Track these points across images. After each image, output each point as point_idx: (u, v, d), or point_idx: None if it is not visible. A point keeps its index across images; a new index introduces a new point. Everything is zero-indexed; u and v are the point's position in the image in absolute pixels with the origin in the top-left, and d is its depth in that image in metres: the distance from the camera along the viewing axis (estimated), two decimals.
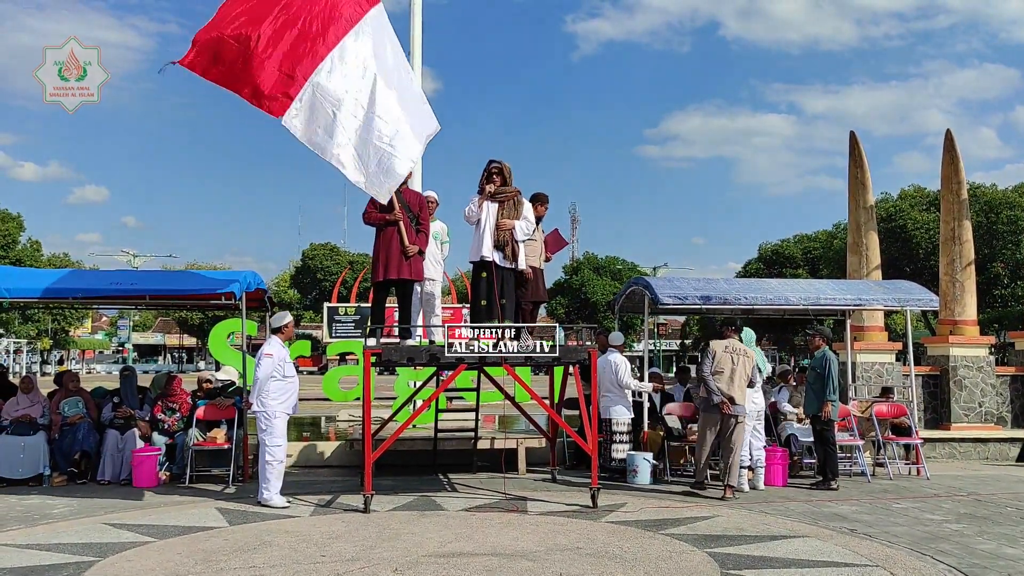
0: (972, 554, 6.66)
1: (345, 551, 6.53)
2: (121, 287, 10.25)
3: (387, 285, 9.07)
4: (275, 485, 8.51)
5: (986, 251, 35.53)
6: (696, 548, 6.72)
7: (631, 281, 12.41)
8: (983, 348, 14.26)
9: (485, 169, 9.14)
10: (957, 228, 14.53)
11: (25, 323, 54.43)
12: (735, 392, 9.20)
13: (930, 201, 38.43)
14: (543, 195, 10.00)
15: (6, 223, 46.70)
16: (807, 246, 52.33)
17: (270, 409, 8.63)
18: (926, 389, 13.94)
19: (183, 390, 10.85)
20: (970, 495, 9.60)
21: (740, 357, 9.34)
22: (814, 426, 10.14)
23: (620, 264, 65.23)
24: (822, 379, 9.92)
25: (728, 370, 9.25)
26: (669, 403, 11.22)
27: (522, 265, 9.16)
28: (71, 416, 10.13)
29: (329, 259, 67.70)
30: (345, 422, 16.56)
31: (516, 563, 6.17)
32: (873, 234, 15.32)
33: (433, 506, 8.49)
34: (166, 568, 6.07)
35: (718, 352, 9.34)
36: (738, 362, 9.30)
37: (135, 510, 8.31)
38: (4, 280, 10.10)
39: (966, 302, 14.28)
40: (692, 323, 65.90)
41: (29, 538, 7.04)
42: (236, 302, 10.13)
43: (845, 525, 7.74)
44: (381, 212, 8.86)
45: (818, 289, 11.94)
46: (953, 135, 14.79)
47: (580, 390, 9.27)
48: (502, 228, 8.90)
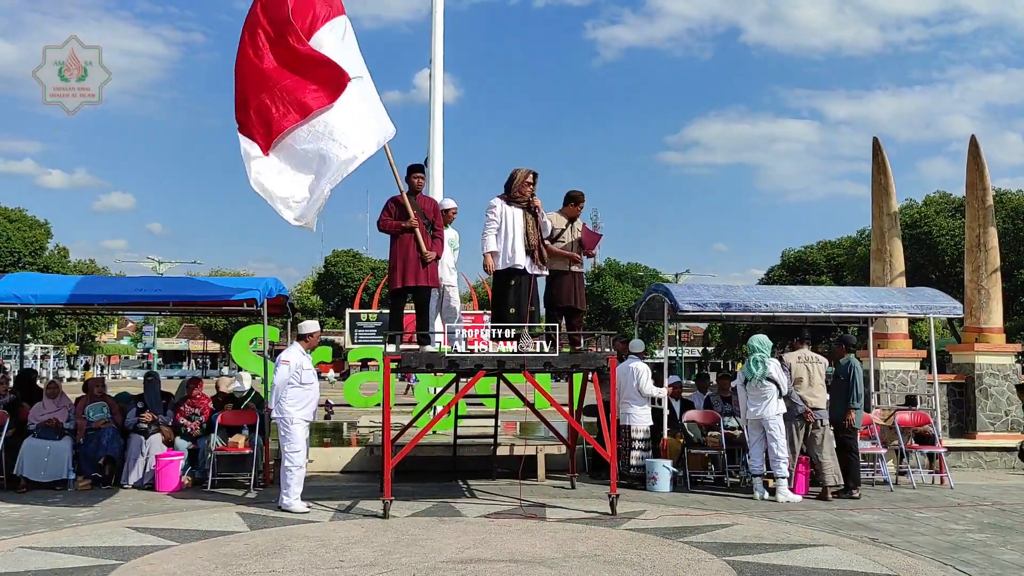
0: (995, 564, 6.58)
1: (364, 556, 6.57)
2: (145, 293, 10.40)
3: (405, 292, 9.13)
4: (295, 490, 8.56)
5: (1012, 258, 35.08)
6: (715, 556, 6.69)
7: (651, 288, 12.39)
8: (1009, 356, 14.09)
9: (530, 179, 9.22)
10: (982, 235, 14.39)
11: (52, 329, 55.15)
12: (816, 398, 9.83)
13: (955, 207, 38.04)
14: (575, 193, 9.96)
15: (34, 230, 47.40)
16: (831, 253, 51.92)
17: (288, 415, 8.69)
18: (951, 397, 13.79)
19: (204, 395, 10.96)
20: (994, 504, 9.49)
21: (814, 364, 10.01)
22: (837, 434, 10.06)
23: (642, 271, 65.04)
24: (847, 386, 9.85)
25: (806, 378, 9.91)
26: (689, 410, 11.18)
27: (547, 272, 9.36)
28: (96, 421, 10.26)
29: (351, 266, 68.01)
30: (366, 428, 16.64)
31: (534, 570, 6.17)
32: (897, 241, 15.19)
33: (452, 512, 8.51)
34: (187, 571, 6.14)
35: (793, 364, 10.00)
36: (813, 369, 9.96)
37: (157, 514, 8.40)
38: (31, 286, 10.27)
39: (992, 309, 14.13)
40: (714, 330, 65.59)
41: (53, 541, 7.14)
42: (258, 308, 10.23)
43: (866, 534, 7.68)
44: (397, 219, 8.94)
45: (840, 296, 11.85)
46: (978, 141, 14.66)
47: (599, 397, 9.26)
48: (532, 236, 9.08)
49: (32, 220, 48.10)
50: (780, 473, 9.61)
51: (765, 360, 9.71)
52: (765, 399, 9.67)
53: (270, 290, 10.25)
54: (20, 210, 48.11)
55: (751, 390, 9.79)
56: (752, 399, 9.78)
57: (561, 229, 9.77)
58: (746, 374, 9.84)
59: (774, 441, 9.68)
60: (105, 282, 14.26)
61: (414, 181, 9.17)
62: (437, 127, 13.56)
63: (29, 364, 46.89)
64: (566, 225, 9.81)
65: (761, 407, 9.68)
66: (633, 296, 54.58)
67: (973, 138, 14.72)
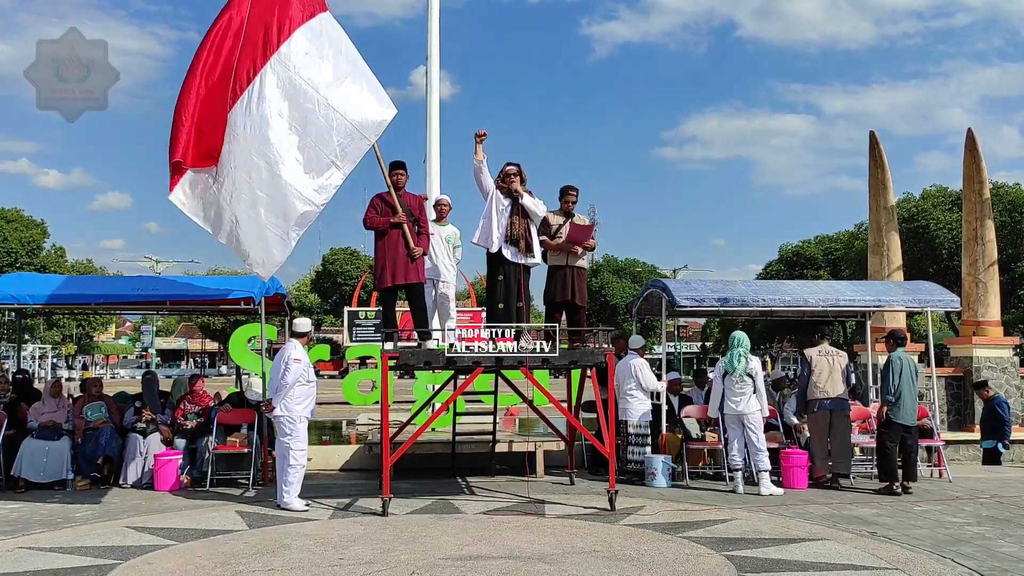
0: (994, 557, 6.59)
1: (363, 554, 6.57)
2: (143, 293, 10.38)
3: (395, 290, 9.13)
4: (295, 488, 8.57)
5: (1009, 251, 35.09)
6: (713, 551, 6.69)
7: (649, 284, 12.40)
8: (1007, 349, 14.12)
9: (511, 170, 9.25)
10: (980, 228, 14.40)
11: (50, 329, 55.08)
12: (838, 390, 10.09)
13: (953, 201, 38.02)
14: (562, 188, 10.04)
15: (30, 230, 47.31)
16: (828, 247, 51.88)
17: (294, 413, 8.69)
18: (949, 391, 13.82)
19: (205, 392, 10.96)
20: (993, 497, 9.50)
21: (834, 358, 10.24)
22: (878, 429, 10.00)
23: (640, 267, 64.96)
24: (885, 380, 9.78)
25: (826, 371, 10.11)
26: (688, 406, 11.18)
27: (537, 259, 9.31)
28: (94, 421, 10.25)
29: (349, 263, 67.96)
30: (364, 426, 16.63)
31: (533, 566, 6.18)
32: (894, 235, 15.21)
33: (451, 509, 8.51)
34: (186, 571, 6.14)
35: (814, 357, 10.23)
36: (833, 363, 10.17)
37: (156, 513, 8.40)
38: (28, 286, 10.25)
39: (989, 302, 14.15)
40: (712, 325, 65.60)
41: (52, 541, 7.14)
42: (255, 307, 10.22)
43: (865, 528, 7.68)
44: (384, 216, 8.95)
45: (837, 291, 11.86)
46: (975, 134, 14.67)
47: (597, 393, 9.27)
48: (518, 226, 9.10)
49: (29, 220, 48.01)
50: (762, 466, 9.65)
51: (747, 356, 9.75)
52: (744, 394, 9.74)
53: (267, 289, 10.23)
54: (17, 210, 48.05)
55: (730, 384, 9.83)
56: (731, 393, 9.83)
57: (559, 225, 9.80)
58: (727, 367, 9.87)
59: (753, 435, 9.75)
60: (102, 282, 14.25)
61: (395, 178, 9.18)
62: (434, 124, 13.59)
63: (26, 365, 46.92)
64: (563, 221, 9.84)
65: (741, 402, 9.74)
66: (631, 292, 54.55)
67: (970, 131, 14.74)
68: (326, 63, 8.40)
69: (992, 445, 12.60)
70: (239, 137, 8.03)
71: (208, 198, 8.11)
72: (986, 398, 12.87)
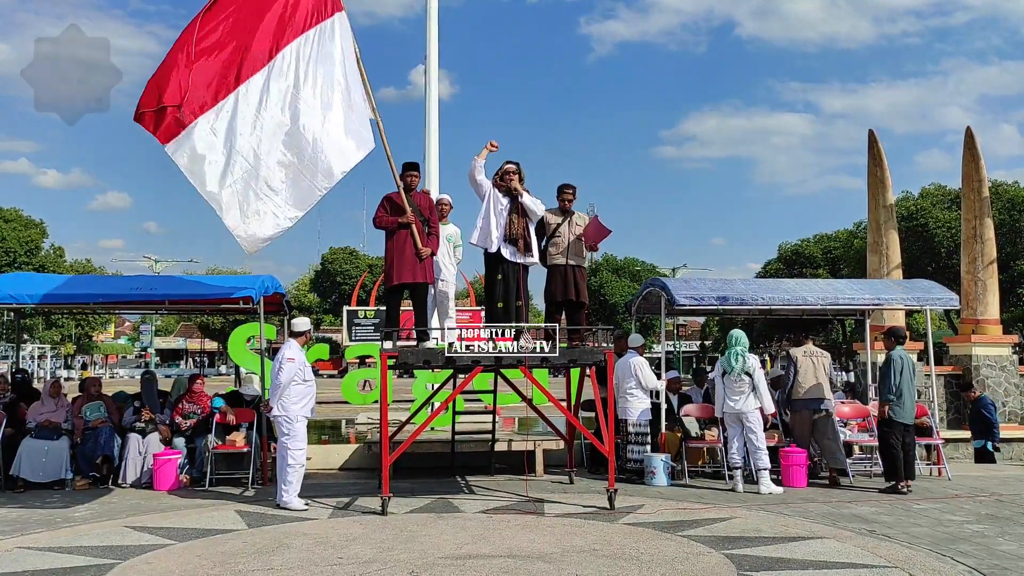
0: (993, 555, 6.59)
1: (362, 553, 6.57)
2: (142, 292, 10.36)
3: (401, 289, 9.13)
4: (294, 488, 8.56)
5: (1008, 249, 35.11)
6: (713, 550, 6.69)
7: (648, 282, 12.40)
8: (1006, 347, 14.13)
9: (509, 168, 9.27)
10: (979, 226, 14.41)
11: (49, 329, 55.06)
12: (822, 389, 10.18)
13: (952, 199, 38.05)
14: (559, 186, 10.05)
15: (29, 230, 47.32)
16: (827, 246, 51.90)
17: (292, 413, 8.69)
18: (948, 389, 13.81)
19: (205, 392, 10.94)
20: (992, 495, 9.50)
21: (818, 358, 10.36)
22: (879, 427, 10.00)
23: (639, 265, 64.99)
24: (886, 379, 9.76)
25: (812, 371, 10.22)
26: (687, 404, 11.19)
27: (535, 258, 9.32)
28: (93, 420, 10.24)
29: (348, 263, 67.97)
30: (364, 425, 16.61)
31: (532, 565, 6.17)
32: (893, 233, 15.21)
33: (450, 508, 8.51)
34: (185, 570, 6.13)
35: (799, 357, 10.34)
36: (817, 363, 10.29)
37: (155, 513, 8.39)
38: (27, 286, 10.23)
39: (988, 301, 14.15)
40: (712, 324, 65.62)
41: (51, 541, 7.13)
42: (254, 306, 10.21)
43: (864, 526, 7.69)
44: (393, 215, 8.94)
45: (836, 289, 11.86)
46: (974, 132, 14.67)
47: (596, 392, 9.27)
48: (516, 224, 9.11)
49: (28, 220, 48.01)
50: (761, 465, 9.64)
51: (745, 354, 9.76)
52: (743, 393, 9.75)
53: (266, 288, 10.23)
54: (16, 210, 48.04)
55: (729, 383, 9.84)
56: (730, 392, 9.83)
57: (556, 224, 9.79)
58: (725, 366, 9.88)
59: (752, 434, 9.75)
60: (102, 281, 14.20)
61: (408, 179, 9.18)
62: (433, 123, 13.59)
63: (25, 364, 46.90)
64: (561, 220, 9.82)
65: (740, 401, 9.75)
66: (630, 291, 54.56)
67: (969, 130, 14.73)
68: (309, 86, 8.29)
69: (982, 445, 12.65)
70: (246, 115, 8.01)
71: (212, 157, 8.04)
72: (971, 399, 12.91)
